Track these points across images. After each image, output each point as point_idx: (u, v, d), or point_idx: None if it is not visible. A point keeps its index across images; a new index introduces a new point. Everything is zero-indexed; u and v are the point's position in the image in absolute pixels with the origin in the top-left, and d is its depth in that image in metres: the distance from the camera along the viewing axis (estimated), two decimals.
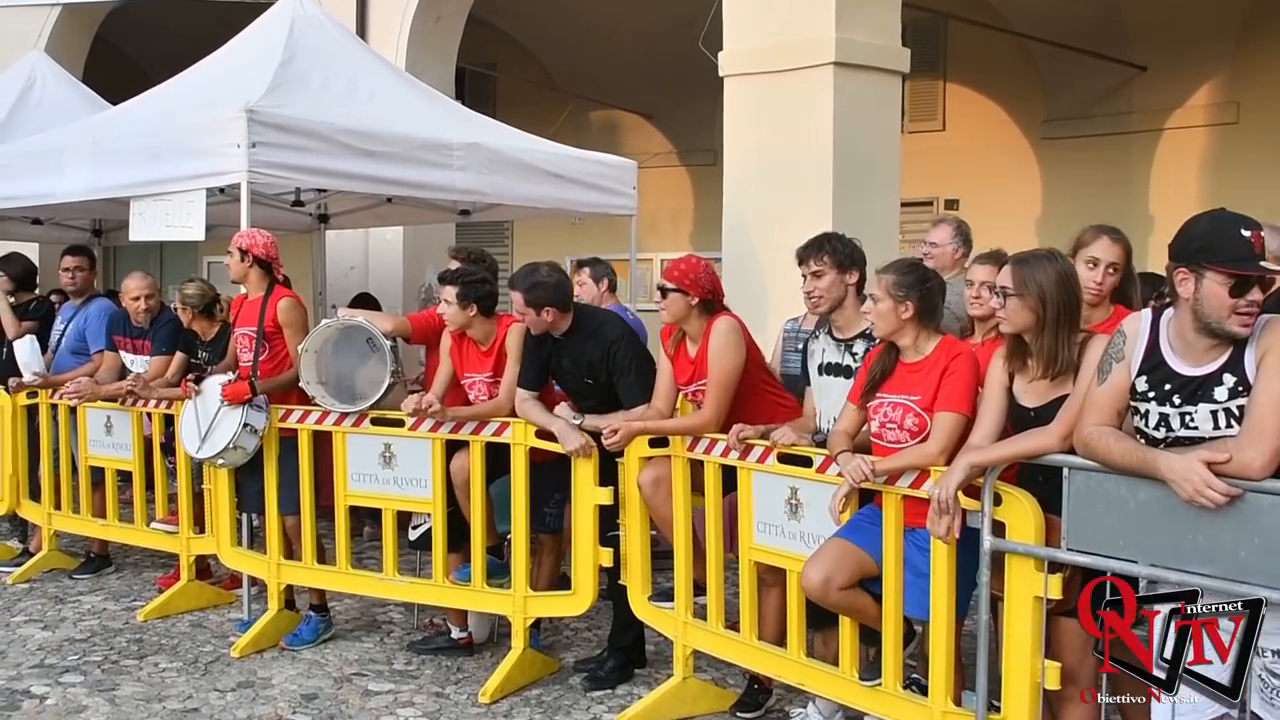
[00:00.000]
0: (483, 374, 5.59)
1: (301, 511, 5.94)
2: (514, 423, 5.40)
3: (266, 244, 6.03)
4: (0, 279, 7.90)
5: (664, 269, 5.08)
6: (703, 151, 15.20)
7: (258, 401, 5.84)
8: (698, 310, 4.93)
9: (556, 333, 5.33)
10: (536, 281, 5.21)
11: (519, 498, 5.42)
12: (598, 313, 5.57)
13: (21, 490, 7.57)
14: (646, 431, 4.93)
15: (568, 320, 5.32)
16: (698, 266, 4.96)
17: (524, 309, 5.25)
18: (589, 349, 5.29)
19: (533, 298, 5.20)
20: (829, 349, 4.79)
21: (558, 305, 5.24)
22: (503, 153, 7.57)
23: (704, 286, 4.92)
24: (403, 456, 5.67)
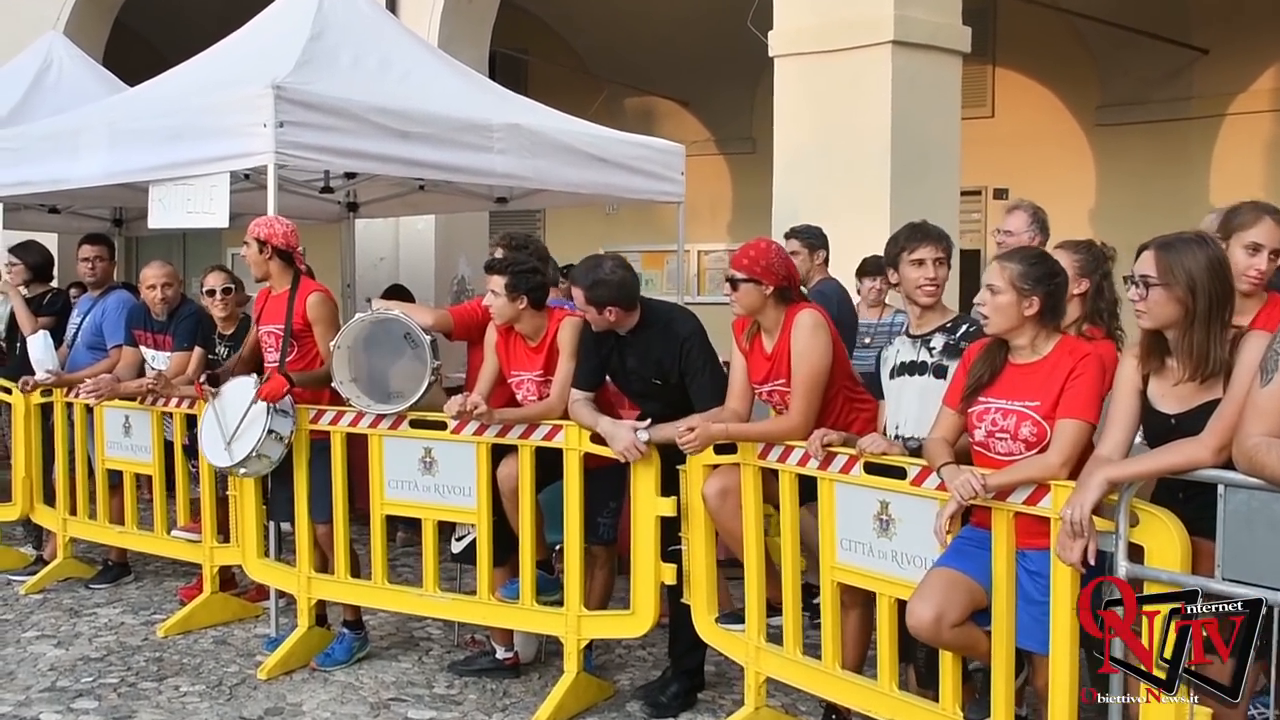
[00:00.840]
0: (532, 372, 5.13)
1: (335, 520, 5.50)
2: (566, 426, 4.94)
3: (286, 232, 5.58)
4: (16, 268, 7.49)
5: (732, 257, 4.60)
6: (741, 139, 14.74)
7: (283, 405, 5.39)
8: (773, 301, 4.46)
9: (621, 330, 4.87)
10: (599, 279, 4.74)
11: (573, 507, 4.95)
12: (667, 307, 5.10)
13: (36, 494, 7.15)
14: (728, 436, 4.45)
15: (633, 318, 4.85)
16: (769, 251, 4.49)
17: (585, 306, 4.79)
18: (658, 347, 4.82)
19: (594, 295, 4.74)
20: (904, 349, 4.32)
21: (621, 304, 4.78)
22: (544, 135, 7.10)
23: (778, 273, 4.45)
24: (445, 462, 5.21)
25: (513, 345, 5.20)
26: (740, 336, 4.64)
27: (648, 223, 13.54)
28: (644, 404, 4.93)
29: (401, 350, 5.24)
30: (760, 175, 14.15)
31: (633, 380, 4.96)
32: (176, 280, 6.60)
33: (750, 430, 4.48)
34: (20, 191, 7.35)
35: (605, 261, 4.84)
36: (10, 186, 7.34)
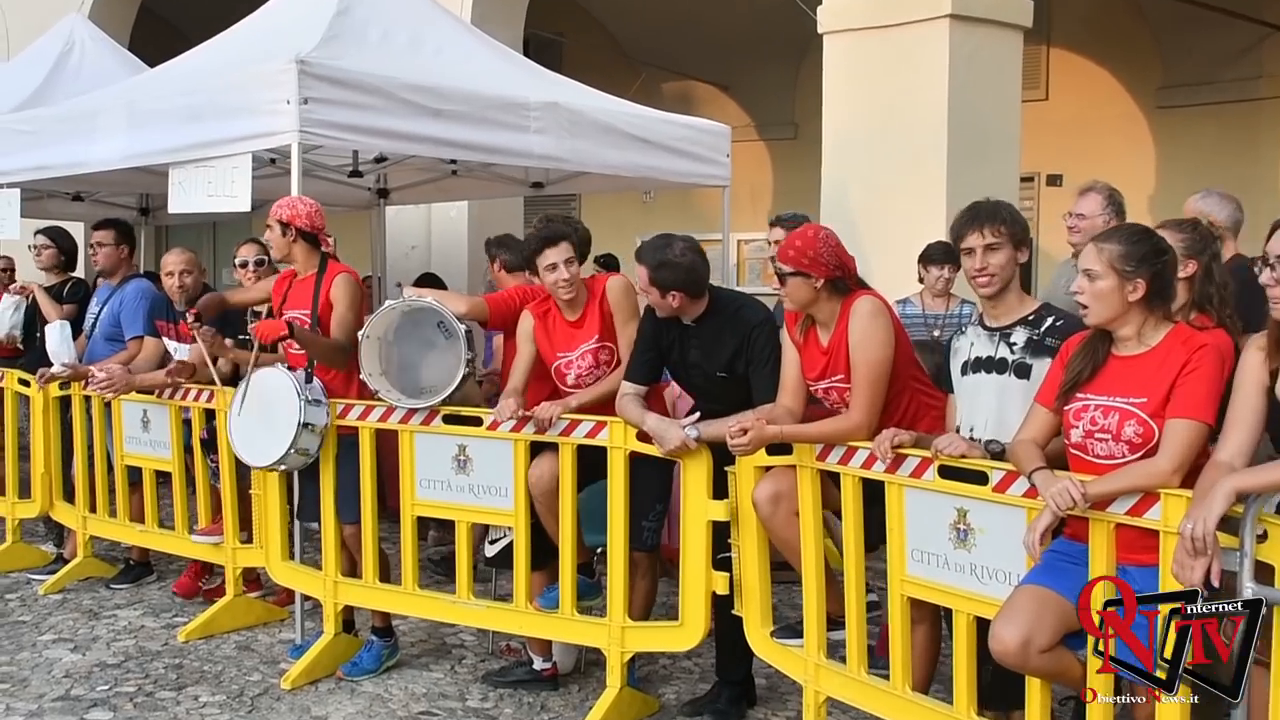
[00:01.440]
0: (582, 346, 4.80)
1: (363, 521, 5.16)
2: (611, 422, 4.59)
3: (310, 213, 5.25)
4: (49, 250, 7.22)
5: (779, 248, 4.23)
6: (783, 124, 14.33)
7: (314, 394, 5.06)
8: (826, 293, 4.09)
9: (685, 318, 4.51)
10: (666, 260, 4.38)
11: (617, 511, 4.61)
12: (737, 295, 4.73)
13: (55, 491, 6.86)
14: (783, 438, 4.08)
15: (700, 306, 4.50)
16: (817, 240, 4.10)
17: (648, 287, 4.43)
18: (726, 337, 4.47)
19: (659, 277, 4.39)
20: (978, 342, 3.92)
21: (688, 290, 4.42)
22: (584, 114, 6.74)
23: (828, 264, 4.07)
24: (480, 460, 4.87)
25: (552, 326, 4.86)
26: (793, 329, 4.27)
27: (686, 210, 13.14)
28: (708, 402, 4.56)
29: (435, 341, 4.90)
30: (802, 161, 13.80)
31: (694, 375, 4.60)
32: (197, 268, 6.28)
33: (808, 431, 4.11)
34: (38, 177, 7.04)
35: (675, 242, 4.48)
36: (27, 171, 7.04)
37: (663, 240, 4.50)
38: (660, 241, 4.50)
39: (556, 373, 4.87)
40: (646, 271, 4.44)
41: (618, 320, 4.78)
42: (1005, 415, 3.77)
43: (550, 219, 4.95)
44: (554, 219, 4.98)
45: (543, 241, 4.74)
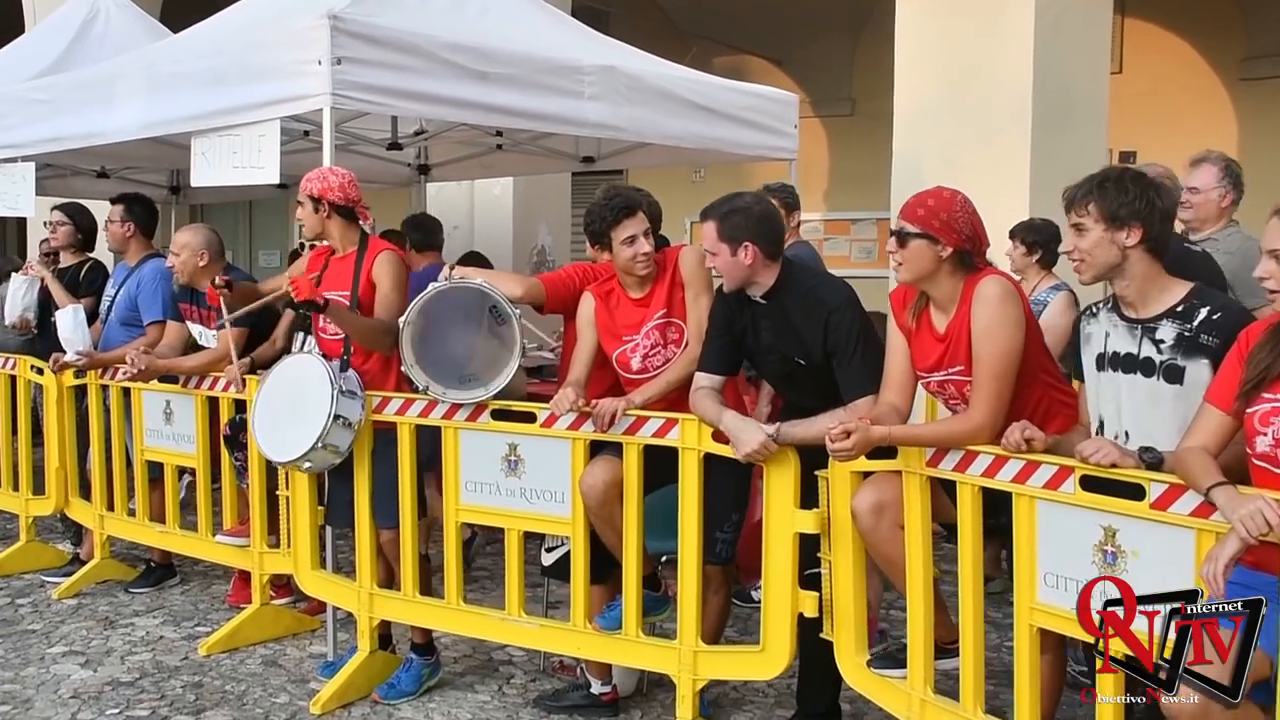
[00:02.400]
0: (646, 324, 4.26)
1: (402, 526, 4.63)
2: (684, 420, 4.04)
3: (343, 184, 4.72)
4: (65, 228, 6.73)
5: (902, 207, 3.65)
6: (839, 100, 13.71)
7: (349, 385, 4.53)
8: (950, 266, 3.51)
9: (756, 290, 3.95)
10: (736, 207, 3.87)
11: (690, 520, 4.05)
12: (812, 271, 4.16)
13: (70, 487, 6.39)
14: (892, 440, 3.51)
15: (772, 274, 3.93)
16: (953, 203, 3.55)
17: (716, 244, 3.88)
18: (800, 318, 3.90)
19: (729, 226, 3.85)
20: (1115, 333, 3.32)
21: (762, 243, 3.87)
22: (643, 80, 6.17)
23: (961, 231, 3.50)
24: (533, 461, 4.32)
25: (615, 306, 4.32)
26: (902, 311, 3.70)
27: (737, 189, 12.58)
28: (788, 394, 4.01)
29: (483, 327, 4.35)
30: (859, 138, 13.20)
31: (770, 360, 4.04)
32: (210, 249, 5.68)
33: (922, 434, 3.54)
34: (54, 148, 6.53)
35: (745, 193, 3.98)
36: (42, 143, 6.55)
37: (732, 194, 4.00)
38: (729, 195, 4.01)
39: (620, 361, 4.33)
40: (714, 224, 3.90)
41: (689, 294, 4.24)
42: (1150, 424, 3.19)
43: (617, 189, 4.40)
44: (621, 188, 4.44)
45: (620, 212, 4.20)
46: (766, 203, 3.98)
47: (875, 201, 13.18)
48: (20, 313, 6.72)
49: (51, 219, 6.77)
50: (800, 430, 3.80)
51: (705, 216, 3.92)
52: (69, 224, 6.73)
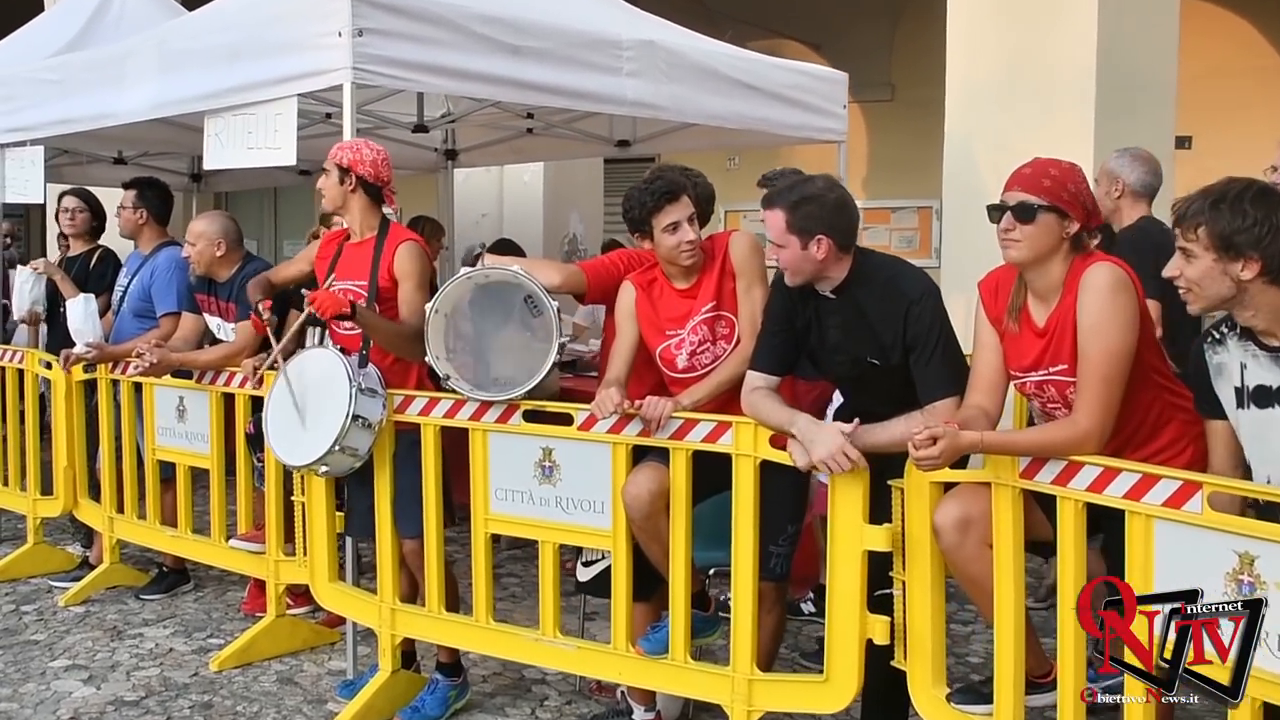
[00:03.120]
0: (694, 318, 3.88)
1: (427, 536, 4.26)
2: (738, 424, 3.64)
3: (376, 160, 4.35)
4: (83, 214, 6.44)
5: (1015, 176, 3.22)
6: (878, 85, 13.26)
7: (370, 383, 4.16)
8: (1067, 246, 3.12)
9: (826, 285, 3.55)
10: (809, 194, 3.45)
11: (745, 533, 3.66)
12: (890, 260, 3.75)
13: (80, 487, 6.04)
14: (986, 447, 3.11)
15: (845, 267, 3.54)
16: (1075, 173, 3.17)
17: (784, 235, 3.47)
18: (877, 313, 3.50)
19: (801, 217, 3.44)
20: (1255, 365, 2.89)
21: (837, 236, 3.46)
22: (684, 56, 5.79)
23: (1085, 208, 3.12)
24: (570, 467, 3.94)
25: (659, 297, 3.93)
26: (993, 301, 3.29)
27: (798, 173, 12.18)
28: (855, 396, 3.62)
29: (517, 319, 3.96)
30: (899, 124, 12.76)
31: (838, 360, 3.64)
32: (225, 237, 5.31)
33: (1018, 441, 3.14)
34: (64, 130, 6.18)
35: (814, 177, 3.55)
36: (52, 125, 6.21)
37: (797, 178, 3.57)
38: (794, 179, 3.59)
39: (664, 358, 3.94)
40: (782, 214, 3.49)
41: (740, 285, 3.85)
42: None
43: (662, 170, 4.01)
44: (666, 169, 4.04)
45: (662, 196, 3.80)
46: (840, 188, 3.56)
47: (915, 189, 12.77)
48: (29, 306, 6.39)
49: (67, 206, 6.40)
50: (875, 435, 3.40)
51: (772, 203, 3.52)
52: (87, 210, 6.40)
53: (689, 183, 3.89)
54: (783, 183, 3.55)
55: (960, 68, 7.24)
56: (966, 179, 7.10)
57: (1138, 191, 4.97)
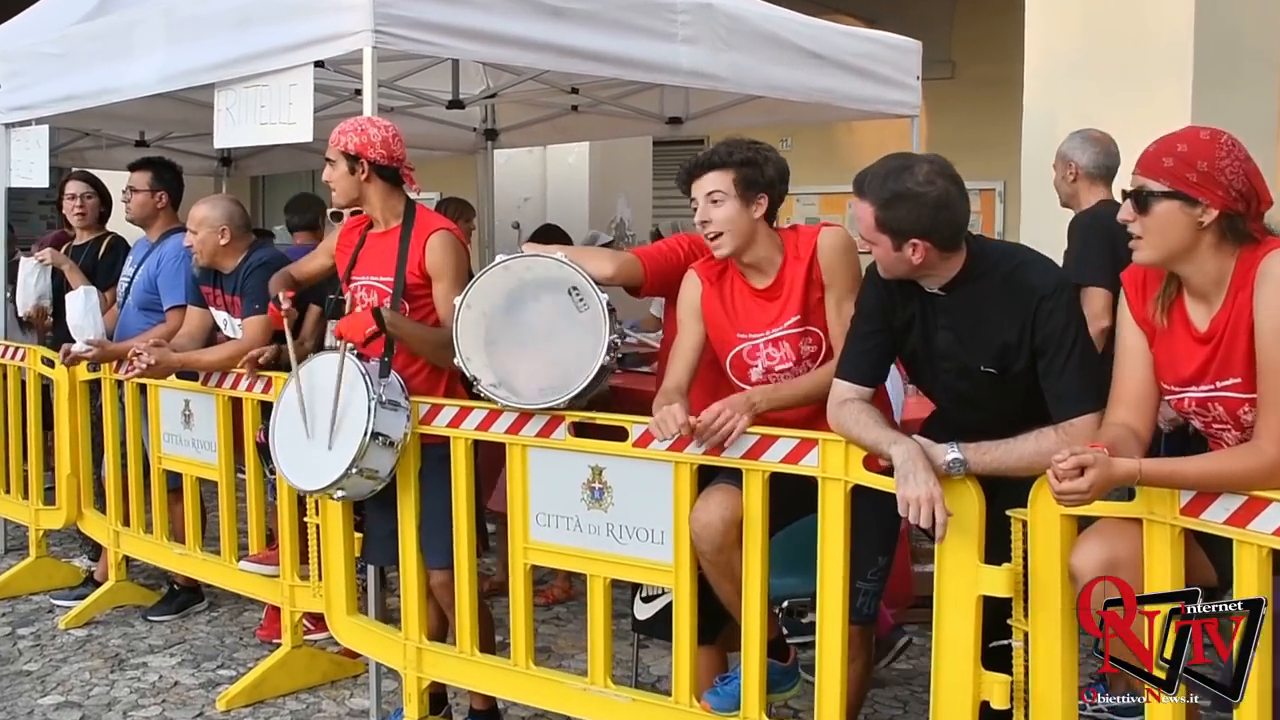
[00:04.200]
0: (773, 329, 3.29)
1: (458, 565, 3.71)
2: (824, 441, 3.07)
3: (386, 138, 3.78)
4: (91, 200, 5.86)
5: (1143, 157, 2.63)
6: (939, 63, 12.53)
7: (391, 395, 3.61)
8: (1214, 236, 2.51)
9: (932, 281, 2.97)
10: (904, 190, 2.84)
11: (833, 571, 3.08)
12: (1013, 249, 3.15)
13: (84, 497, 5.55)
14: (1144, 480, 2.51)
15: (954, 264, 2.95)
16: (1214, 146, 2.53)
17: (874, 234, 2.89)
18: (998, 312, 2.91)
19: (892, 217, 2.85)
20: None
21: (936, 239, 2.87)
22: (745, 21, 5.21)
23: (1229, 186, 2.50)
24: (624, 490, 3.36)
25: (730, 294, 3.35)
26: (1140, 300, 2.69)
27: (828, 159, 11.55)
28: (961, 411, 3.03)
29: (563, 315, 3.39)
30: (960, 103, 12.07)
31: (944, 371, 3.05)
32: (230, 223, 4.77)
33: (1186, 471, 2.51)
34: (68, 108, 5.68)
35: (916, 164, 2.90)
36: (56, 102, 5.73)
37: (896, 162, 2.93)
38: (893, 163, 2.93)
39: (734, 366, 3.36)
40: (871, 210, 2.90)
41: (831, 297, 3.25)
42: None
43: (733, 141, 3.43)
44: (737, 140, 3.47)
45: (689, 170, 3.25)
46: (943, 180, 2.89)
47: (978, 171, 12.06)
48: (35, 302, 5.88)
49: (76, 191, 5.87)
50: (995, 456, 2.81)
51: (861, 192, 2.92)
52: (95, 196, 5.87)
53: (729, 154, 3.24)
54: (878, 165, 2.94)
55: (1040, 37, 6.68)
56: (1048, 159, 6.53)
57: (1092, 174, 4.73)
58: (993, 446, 2.82)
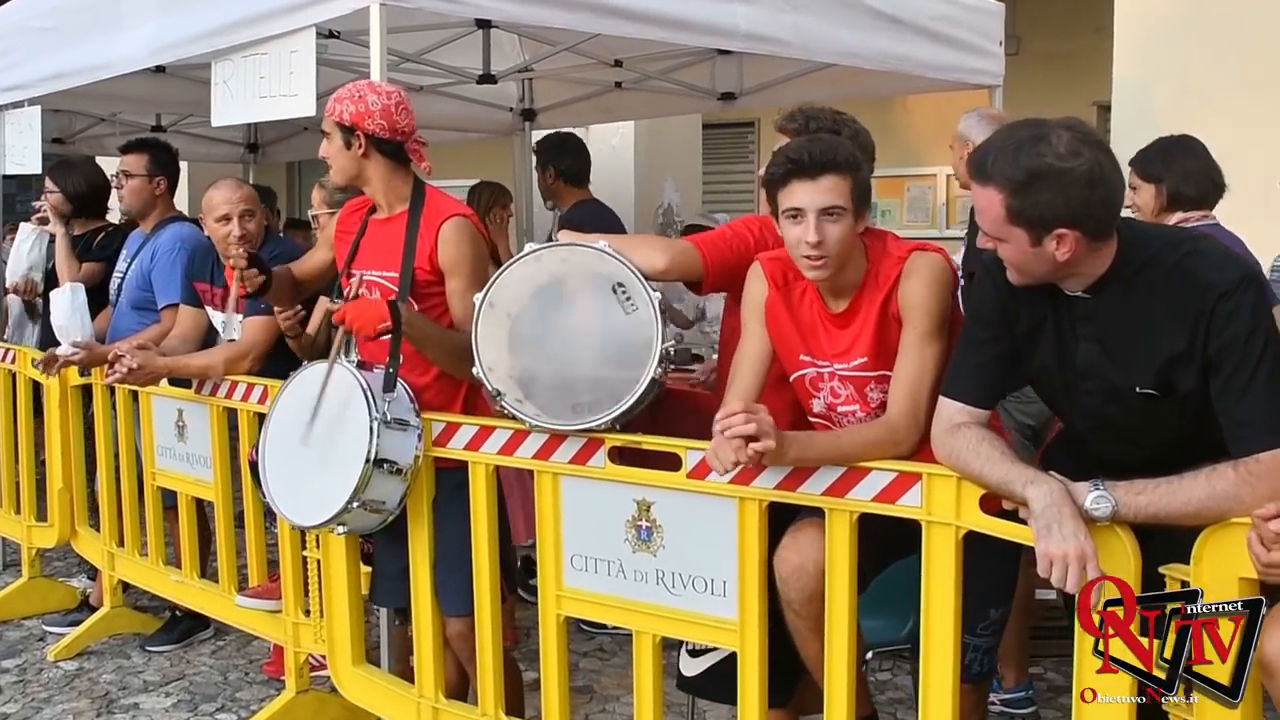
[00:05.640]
0: (842, 362, 2.69)
1: (479, 612, 3.13)
2: (930, 476, 2.46)
3: (388, 105, 3.19)
4: (54, 195, 5.24)
5: None
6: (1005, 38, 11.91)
7: (398, 414, 3.03)
8: None
9: (1074, 283, 2.35)
10: (1042, 169, 2.22)
11: (941, 627, 2.49)
12: (1177, 234, 2.52)
13: (78, 514, 5.02)
14: None
15: (1105, 257, 2.32)
16: None
17: (1002, 226, 2.28)
18: (1162, 313, 2.29)
19: (1028, 205, 2.24)
20: None
21: (1088, 226, 2.25)
22: None
23: None
24: (675, 528, 2.77)
25: (800, 306, 2.76)
26: None
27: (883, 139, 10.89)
28: (1108, 442, 2.42)
29: (605, 317, 2.79)
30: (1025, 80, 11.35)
31: (1086, 393, 2.43)
32: (259, 206, 4.28)
33: None
34: (59, 87, 5.13)
35: (1053, 132, 2.25)
36: (46, 81, 5.21)
37: (1026, 131, 2.28)
38: (1021, 134, 2.27)
39: (798, 388, 2.77)
40: (1001, 197, 2.26)
41: (910, 334, 2.63)
42: None
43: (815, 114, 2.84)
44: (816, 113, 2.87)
45: (789, 169, 2.60)
46: (1090, 150, 2.23)
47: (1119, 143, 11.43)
48: (25, 271, 5.34)
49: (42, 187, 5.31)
50: (1153, 499, 2.20)
51: (985, 176, 2.28)
52: (57, 192, 5.25)
53: (835, 153, 2.60)
54: (1002, 138, 2.31)
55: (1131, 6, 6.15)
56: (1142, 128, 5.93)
57: None
58: (1149, 486, 2.21)
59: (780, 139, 3.06)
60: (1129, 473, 2.26)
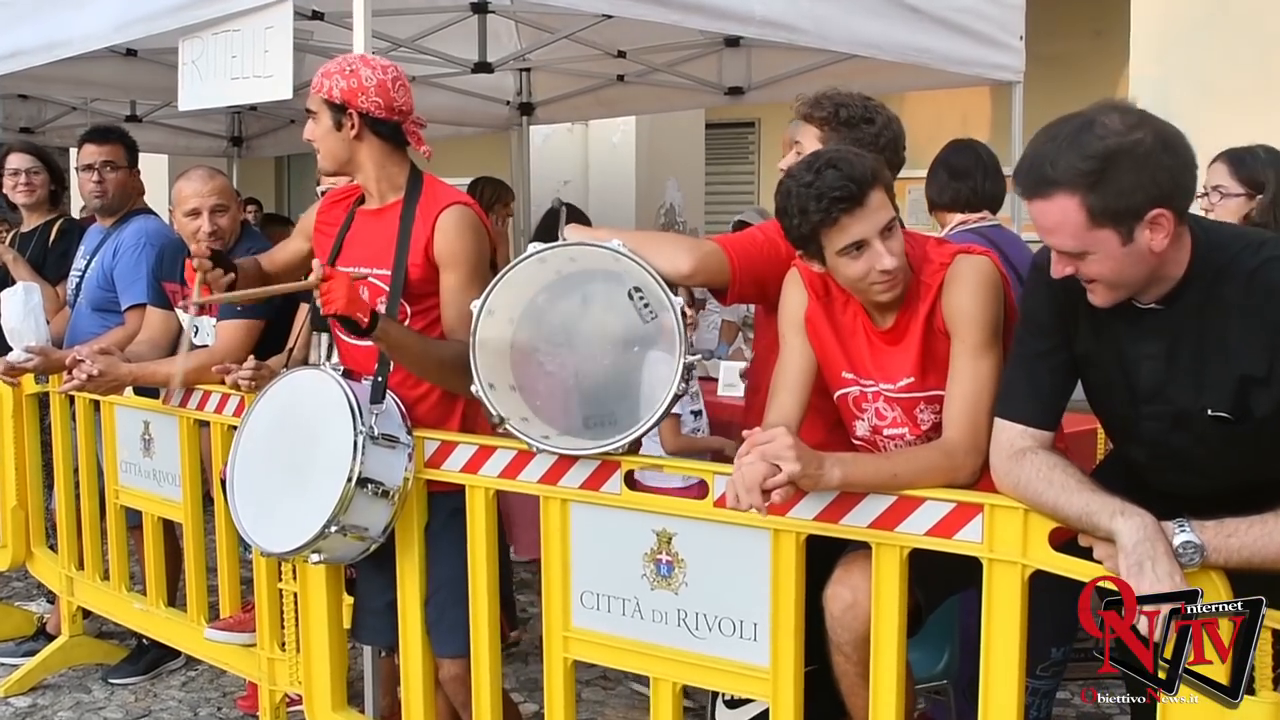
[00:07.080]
0: (884, 384, 2.39)
1: (475, 654, 2.79)
2: (991, 507, 2.14)
3: (384, 81, 2.84)
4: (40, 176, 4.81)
5: None
6: None
7: (386, 428, 2.69)
8: None
9: (1151, 292, 2.05)
10: (1114, 150, 1.91)
11: (1005, 672, 2.17)
12: (1247, 234, 2.18)
13: (34, 534, 4.66)
14: None
15: (1184, 254, 2.02)
16: None
17: (1085, 236, 1.96)
18: (1239, 326, 1.99)
19: (1112, 196, 1.93)
20: None
21: (1178, 202, 1.96)
22: None
23: None
24: (701, 565, 2.44)
25: (843, 319, 2.43)
26: None
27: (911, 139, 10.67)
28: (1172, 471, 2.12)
29: (617, 325, 2.45)
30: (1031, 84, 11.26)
31: (1148, 416, 2.13)
32: (233, 200, 3.95)
33: None
34: (15, 67, 4.77)
35: (1099, 115, 1.94)
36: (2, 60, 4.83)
37: (1071, 125, 1.96)
38: (1066, 128, 1.96)
39: (844, 406, 2.45)
40: (1076, 199, 1.94)
41: (959, 348, 2.33)
42: None
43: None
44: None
45: (835, 204, 2.25)
46: (1147, 119, 1.95)
47: None
48: None
49: (20, 165, 4.89)
50: (1245, 542, 1.93)
51: (1045, 185, 1.96)
52: (44, 173, 4.90)
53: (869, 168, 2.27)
54: (1047, 139, 1.99)
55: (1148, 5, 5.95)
56: None
57: None
58: (1241, 527, 1.92)
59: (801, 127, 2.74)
60: (1188, 505, 1.97)
